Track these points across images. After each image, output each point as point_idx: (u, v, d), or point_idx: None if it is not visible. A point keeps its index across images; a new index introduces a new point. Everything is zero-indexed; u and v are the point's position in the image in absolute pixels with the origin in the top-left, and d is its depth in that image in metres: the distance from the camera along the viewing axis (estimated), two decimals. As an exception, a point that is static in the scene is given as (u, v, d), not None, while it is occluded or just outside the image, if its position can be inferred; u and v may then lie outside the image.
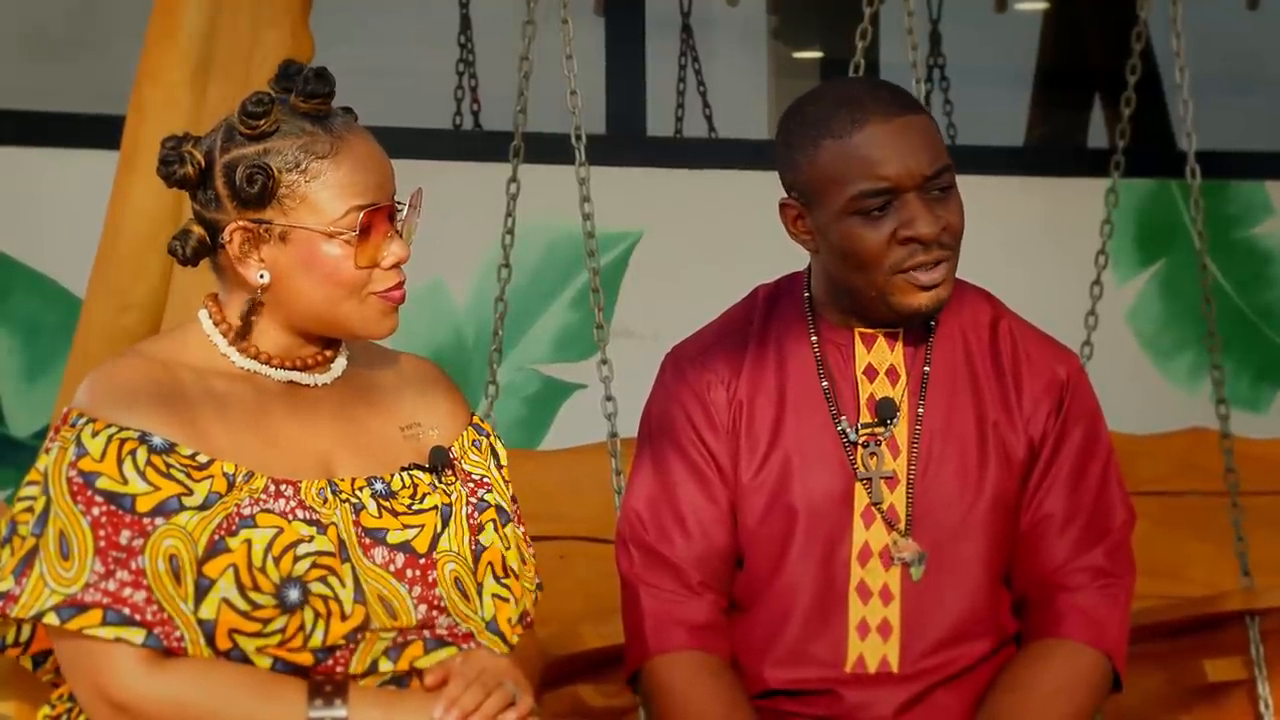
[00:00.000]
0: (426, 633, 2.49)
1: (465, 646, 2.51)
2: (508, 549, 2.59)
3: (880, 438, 2.84)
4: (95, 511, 2.38)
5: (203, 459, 2.43)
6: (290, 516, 2.44)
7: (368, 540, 2.48)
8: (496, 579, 2.56)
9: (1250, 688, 4.19)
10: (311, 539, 2.43)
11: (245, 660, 2.40)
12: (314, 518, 2.45)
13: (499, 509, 2.61)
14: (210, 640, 2.38)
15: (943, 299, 2.79)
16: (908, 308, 2.78)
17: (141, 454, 2.40)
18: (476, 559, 2.54)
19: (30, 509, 2.43)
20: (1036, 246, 5.77)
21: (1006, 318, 2.93)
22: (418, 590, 2.48)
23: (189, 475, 2.41)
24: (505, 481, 2.65)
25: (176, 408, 2.45)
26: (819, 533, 2.83)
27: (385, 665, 2.46)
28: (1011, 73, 6.99)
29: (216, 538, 2.40)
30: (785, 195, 2.84)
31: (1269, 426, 5.86)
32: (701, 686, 2.82)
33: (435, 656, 2.48)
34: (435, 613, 2.49)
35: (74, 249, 4.19)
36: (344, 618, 2.42)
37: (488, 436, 2.66)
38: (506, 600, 2.56)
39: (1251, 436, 5.21)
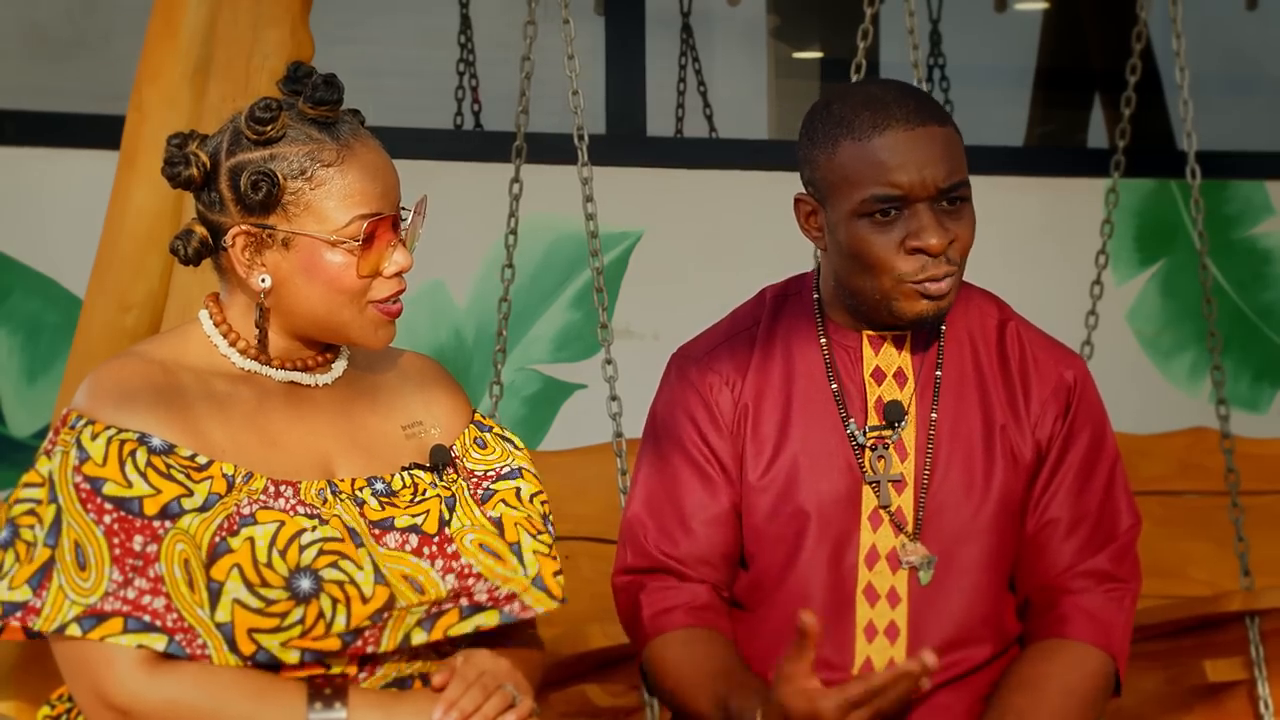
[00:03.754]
0: (463, 600, 2.48)
1: (507, 609, 2.50)
2: (545, 514, 2.58)
3: (888, 441, 2.84)
4: (107, 519, 2.37)
5: (202, 460, 2.43)
6: (291, 512, 2.43)
7: (377, 530, 2.48)
8: (533, 536, 2.55)
9: (1250, 688, 4.19)
10: (315, 528, 2.42)
11: (273, 661, 2.39)
12: (314, 513, 2.44)
13: (537, 477, 2.61)
14: (233, 645, 2.37)
15: (944, 310, 2.78)
16: (909, 314, 2.78)
17: (141, 455, 2.40)
18: (500, 526, 2.53)
19: (34, 513, 2.42)
20: (1036, 246, 5.77)
21: (1013, 321, 2.93)
22: (440, 563, 2.48)
23: (189, 476, 2.41)
24: (529, 461, 2.65)
25: (176, 409, 2.44)
26: (827, 535, 2.83)
27: (419, 636, 2.45)
28: (1011, 73, 6.99)
29: (218, 539, 2.39)
30: (802, 190, 2.84)
31: (1269, 426, 5.86)
32: (696, 653, 2.81)
33: (473, 622, 2.48)
34: (469, 580, 2.48)
35: (74, 249, 4.19)
36: (365, 600, 2.41)
37: (490, 432, 2.66)
38: (552, 557, 2.55)
39: (1251, 436, 5.22)
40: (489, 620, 2.49)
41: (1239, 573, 4.24)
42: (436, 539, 2.49)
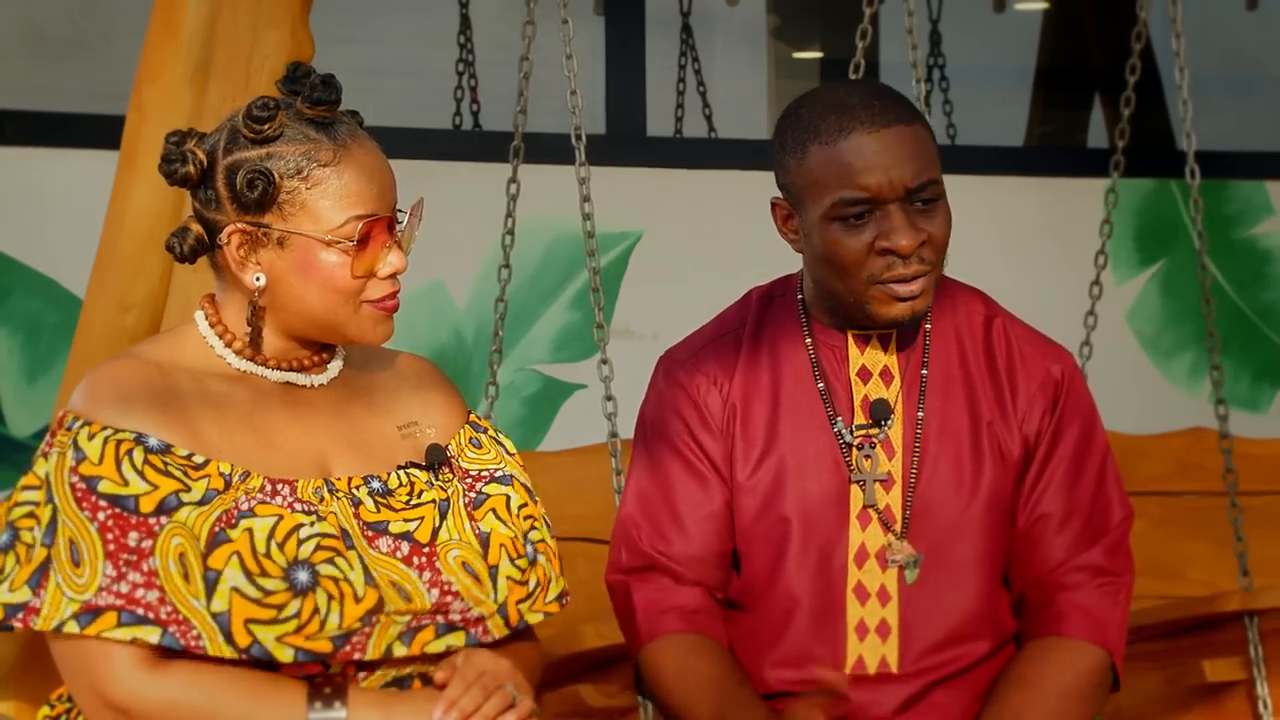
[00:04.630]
0: (439, 617, 2.49)
1: (474, 631, 2.51)
2: (526, 531, 2.59)
3: (875, 439, 2.84)
4: (101, 516, 2.38)
5: (199, 459, 2.43)
6: (289, 509, 2.44)
7: (370, 532, 2.48)
8: (511, 561, 2.56)
9: (1249, 688, 4.19)
10: (313, 524, 2.43)
11: (267, 657, 2.39)
12: (312, 509, 2.45)
13: (527, 488, 2.62)
14: (228, 636, 2.38)
15: (920, 310, 2.79)
16: (884, 317, 2.78)
17: (138, 454, 2.40)
18: (485, 544, 2.54)
19: (33, 515, 2.42)
20: (1036, 246, 5.77)
21: (1000, 316, 2.93)
22: (427, 575, 2.49)
23: (186, 474, 2.41)
24: (521, 467, 2.65)
25: (172, 409, 2.45)
26: (815, 535, 2.83)
27: (400, 650, 2.46)
28: (1011, 73, 7.00)
29: (217, 529, 2.40)
30: (778, 194, 2.85)
31: (1269, 426, 5.86)
32: (694, 664, 2.82)
33: (445, 641, 2.49)
34: (448, 597, 2.49)
35: (74, 249, 4.19)
36: (357, 599, 2.41)
37: (485, 433, 2.66)
38: (522, 583, 2.56)
39: (1251, 436, 5.22)
40: (457, 641, 2.50)
41: (1238, 573, 4.24)
42: (427, 549, 2.50)
